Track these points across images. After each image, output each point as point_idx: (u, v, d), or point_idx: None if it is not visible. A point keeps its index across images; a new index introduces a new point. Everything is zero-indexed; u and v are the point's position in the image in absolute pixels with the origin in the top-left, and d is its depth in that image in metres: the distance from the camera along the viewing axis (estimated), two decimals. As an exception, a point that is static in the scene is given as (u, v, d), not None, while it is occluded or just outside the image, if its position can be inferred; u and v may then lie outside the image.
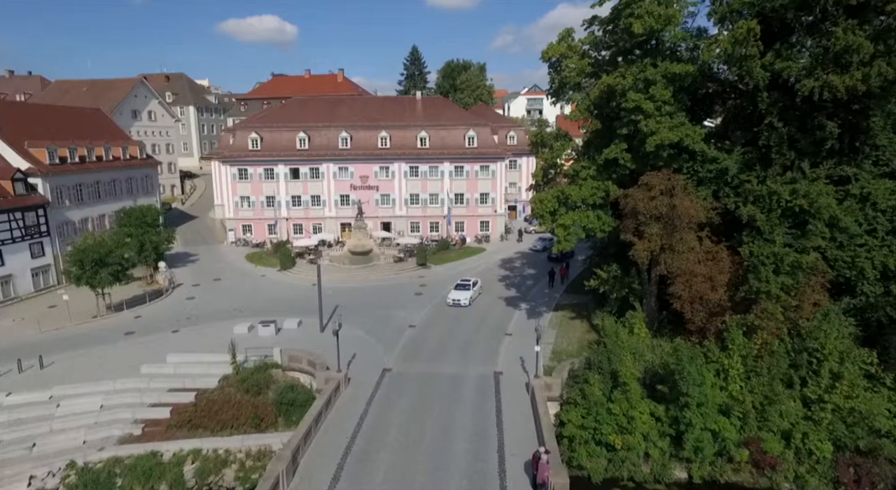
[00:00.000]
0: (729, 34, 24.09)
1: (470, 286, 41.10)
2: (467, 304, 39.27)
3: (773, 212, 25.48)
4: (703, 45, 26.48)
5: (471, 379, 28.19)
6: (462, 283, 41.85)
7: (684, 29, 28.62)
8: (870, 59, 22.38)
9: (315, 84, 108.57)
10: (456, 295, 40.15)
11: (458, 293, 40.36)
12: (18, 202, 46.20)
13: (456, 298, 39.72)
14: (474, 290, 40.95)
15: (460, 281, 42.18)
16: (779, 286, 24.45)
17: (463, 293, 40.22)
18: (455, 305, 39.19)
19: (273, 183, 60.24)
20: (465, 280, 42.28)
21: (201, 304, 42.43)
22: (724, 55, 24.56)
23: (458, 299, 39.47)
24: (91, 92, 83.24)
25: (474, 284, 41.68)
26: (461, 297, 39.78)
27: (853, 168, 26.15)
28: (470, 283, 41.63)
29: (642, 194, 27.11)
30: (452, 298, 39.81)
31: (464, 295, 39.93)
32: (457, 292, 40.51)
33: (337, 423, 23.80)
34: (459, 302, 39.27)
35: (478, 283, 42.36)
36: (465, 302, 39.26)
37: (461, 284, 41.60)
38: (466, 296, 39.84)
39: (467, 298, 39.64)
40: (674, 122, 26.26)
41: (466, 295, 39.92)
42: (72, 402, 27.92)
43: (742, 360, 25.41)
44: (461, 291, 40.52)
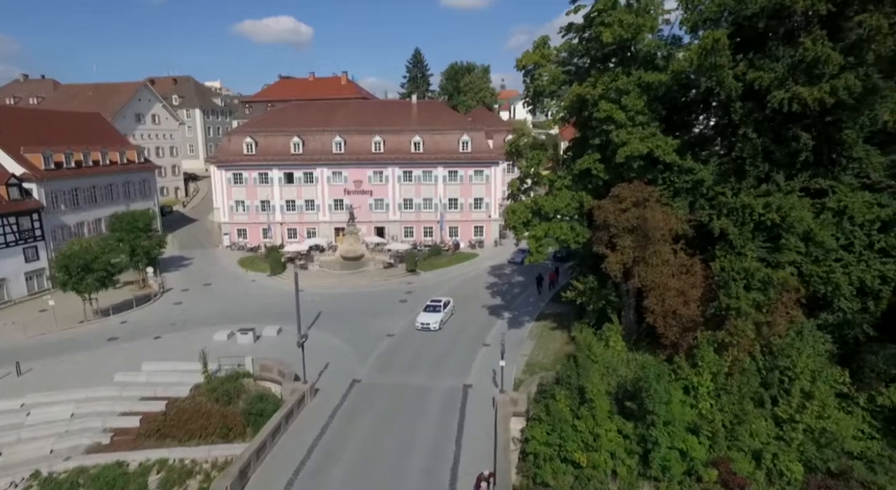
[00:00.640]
0: (696, 44, 23.47)
1: (440, 308, 37.96)
2: (437, 328, 36.25)
3: (746, 225, 24.81)
4: (675, 55, 25.88)
5: (439, 392, 27.92)
6: (432, 304, 38.67)
7: (660, 37, 28.03)
8: (839, 71, 21.67)
9: (319, 87, 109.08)
10: (425, 318, 37.04)
11: (427, 316, 37.22)
12: (12, 207, 46.98)
13: (424, 322, 36.62)
14: (445, 311, 38.01)
15: (430, 302, 39.10)
16: (749, 303, 23.78)
17: (432, 316, 37.11)
18: (424, 329, 36.18)
19: (267, 187, 60.51)
20: (436, 301, 38.98)
21: (188, 310, 42.73)
22: (693, 65, 23.94)
23: (427, 323, 36.43)
24: (96, 96, 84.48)
25: (445, 305, 38.59)
26: (430, 320, 36.68)
27: (830, 181, 25.36)
28: (440, 304, 38.43)
29: (613, 206, 26.59)
30: (421, 322, 36.72)
31: (433, 318, 36.90)
32: (426, 315, 37.41)
33: (296, 437, 23.70)
34: (428, 326, 36.28)
35: (449, 304, 39.18)
36: (434, 326, 36.30)
37: (431, 305, 38.47)
38: (436, 319, 36.82)
39: (437, 322, 36.63)
40: (645, 132, 25.70)
41: (436, 318, 36.92)
42: (43, 410, 28.23)
43: (712, 378, 24.80)
44: (430, 314, 37.46)
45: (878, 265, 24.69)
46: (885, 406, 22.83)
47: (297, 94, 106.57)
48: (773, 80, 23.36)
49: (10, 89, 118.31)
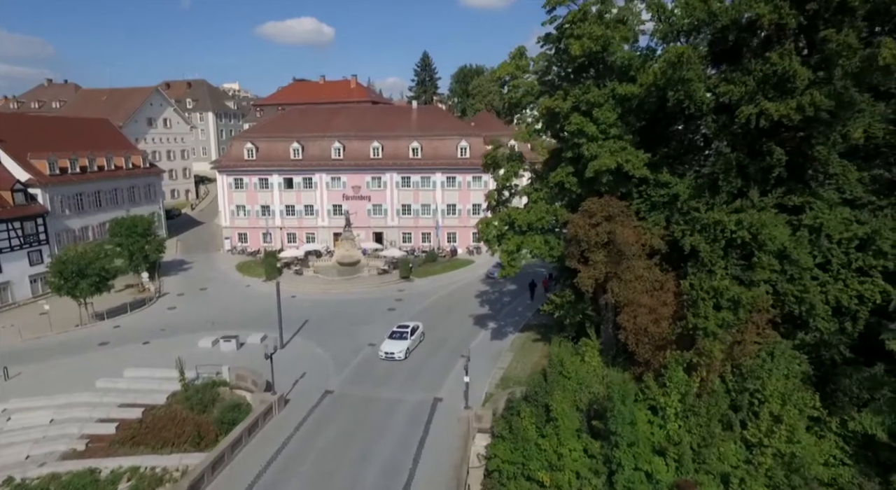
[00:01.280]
0: (662, 58, 22.94)
1: (407, 335, 34.80)
2: (402, 357, 33.04)
3: (718, 242, 24.18)
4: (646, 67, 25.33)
5: (408, 405, 27.85)
6: (398, 330, 35.51)
7: (635, 48, 27.48)
8: (808, 86, 20.97)
9: (329, 90, 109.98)
10: (389, 346, 33.71)
11: (392, 344, 33.92)
12: (17, 212, 48.39)
13: (388, 351, 33.31)
14: (413, 338, 34.80)
15: (396, 327, 35.89)
16: (718, 323, 23.17)
17: (397, 345, 33.87)
18: (388, 359, 33.06)
19: (267, 192, 61.25)
20: (403, 326, 35.85)
21: (180, 315, 43.46)
22: (658, 78, 23.40)
23: (391, 353, 33.20)
24: (110, 100, 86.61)
25: (413, 331, 35.38)
26: (395, 349, 33.38)
27: (807, 197, 24.55)
28: (408, 330, 35.26)
29: (583, 221, 26.19)
30: (385, 351, 33.41)
31: (398, 347, 33.65)
32: (390, 343, 34.12)
33: (257, 449, 23.88)
34: (393, 355, 33.09)
35: (418, 329, 36.11)
36: (399, 355, 33.07)
37: (397, 332, 35.29)
38: (401, 347, 33.58)
39: (403, 351, 33.37)
40: (615, 146, 25.23)
41: (401, 346, 33.66)
42: (24, 415, 28.99)
43: (681, 399, 24.26)
44: (395, 342, 34.13)
45: (855, 285, 23.83)
46: (857, 432, 22.01)
47: (307, 98, 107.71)
48: (744, 95, 22.72)
49: (35, 94, 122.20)
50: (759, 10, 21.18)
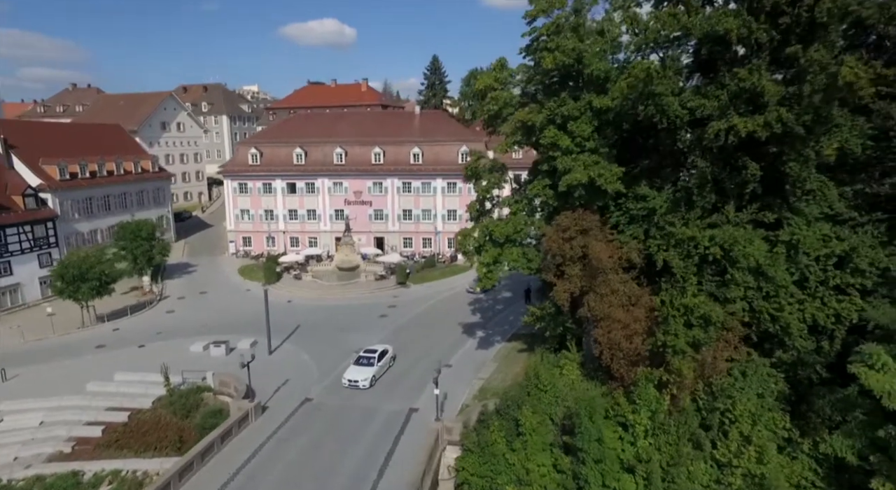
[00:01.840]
0: (629, 73, 22.70)
1: (374, 361, 32.07)
2: (367, 386, 30.51)
3: (691, 258, 23.85)
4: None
5: (383, 415, 28.07)
6: (365, 355, 32.76)
7: (616, 60, 27.24)
8: (779, 102, 20.56)
9: (340, 93, 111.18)
10: (353, 374, 31.13)
11: (356, 371, 31.31)
12: (28, 216, 50.10)
13: (352, 379, 30.71)
14: (380, 364, 32.21)
15: (363, 352, 33.14)
16: (688, 340, 22.85)
17: (362, 372, 31.18)
18: (351, 387, 30.59)
19: (271, 197, 62.20)
20: (370, 351, 33.05)
21: (177, 319, 44.46)
22: (629, 93, 23.15)
23: (355, 381, 30.63)
24: (127, 105, 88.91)
25: (381, 356, 32.76)
26: (359, 377, 30.75)
27: (784, 212, 24.04)
28: (374, 355, 32.50)
29: (557, 235, 26.07)
30: (347, 379, 30.84)
31: (363, 374, 30.97)
32: (354, 370, 31.53)
33: (228, 457, 24.37)
34: (356, 384, 30.56)
35: (387, 354, 33.42)
36: (363, 384, 30.51)
37: (363, 357, 32.53)
38: (367, 375, 30.93)
39: (367, 379, 30.72)
40: (589, 160, 25.05)
41: (367, 374, 31.02)
42: (15, 417, 30.02)
43: (651, 416, 23.98)
44: (360, 369, 31.52)
45: (833, 303, 23.31)
46: (829, 454, 21.48)
47: (319, 101, 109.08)
48: (715, 109, 22.37)
49: (60, 98, 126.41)
50: (728, 26, 20.86)
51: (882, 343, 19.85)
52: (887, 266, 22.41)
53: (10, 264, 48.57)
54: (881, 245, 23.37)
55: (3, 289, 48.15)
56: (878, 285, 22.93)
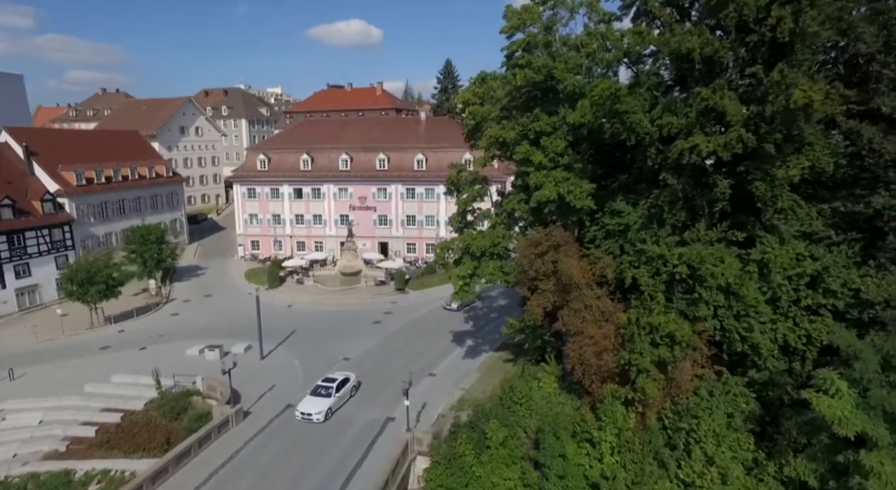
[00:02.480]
0: (593, 91, 22.73)
1: (331, 391, 29.54)
2: (321, 419, 28.05)
3: (660, 276, 23.76)
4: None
5: (360, 423, 28.66)
6: (323, 384, 30.12)
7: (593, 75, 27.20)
8: (745, 121, 20.38)
9: (355, 97, 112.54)
10: (307, 405, 28.67)
11: (311, 403, 28.84)
12: (46, 220, 52.43)
13: (306, 412, 28.27)
14: (339, 395, 29.72)
15: (322, 381, 30.57)
16: (654, 359, 22.79)
17: (317, 404, 28.67)
18: (305, 420, 28.23)
19: (278, 202, 63.62)
20: (329, 380, 30.41)
21: (181, 322, 45.96)
22: (595, 110, 23.19)
23: (309, 414, 28.17)
24: (149, 110, 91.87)
25: (342, 385, 30.29)
26: (313, 410, 28.26)
27: (756, 231, 23.73)
28: (333, 385, 29.91)
29: (529, 250, 26.25)
30: (301, 411, 28.46)
31: (317, 406, 28.46)
32: (310, 401, 29.05)
33: (203, 462, 25.29)
34: (310, 417, 28.12)
35: (348, 382, 31.01)
36: (317, 417, 28.04)
37: (322, 386, 30.00)
38: (321, 408, 28.39)
39: (322, 412, 28.21)
40: (560, 176, 25.16)
41: (322, 406, 28.48)
42: (17, 416, 31.65)
43: (617, 434, 23.99)
44: (316, 400, 29.02)
45: (805, 323, 22.94)
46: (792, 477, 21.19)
47: (334, 105, 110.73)
48: (683, 127, 22.27)
49: (91, 102, 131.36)
50: (690, 45, 20.76)
51: (844, 366, 19.52)
52: (859, 287, 21.92)
53: (28, 266, 50.94)
54: (856, 265, 22.91)
55: (22, 289, 50.52)
56: (850, 307, 22.46)
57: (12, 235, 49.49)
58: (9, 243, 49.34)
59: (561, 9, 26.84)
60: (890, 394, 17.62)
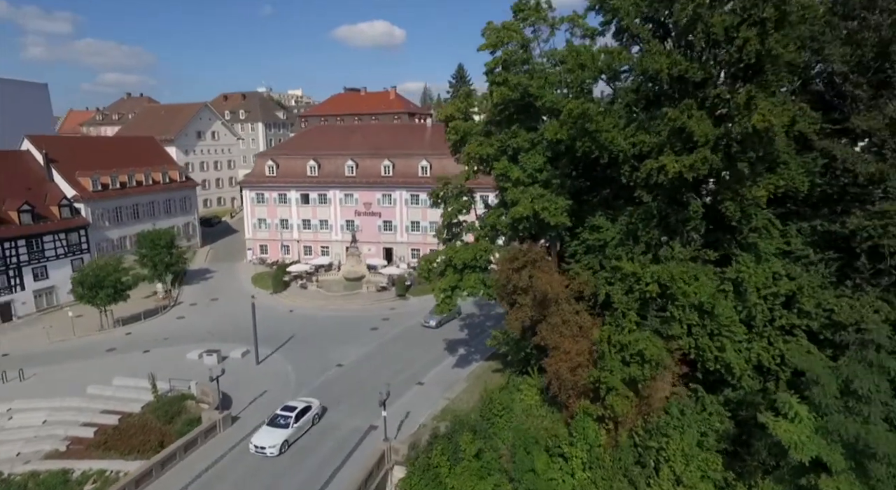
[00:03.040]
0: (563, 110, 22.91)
1: (290, 421, 27.86)
2: (275, 453, 26.42)
3: (633, 294, 23.85)
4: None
5: (343, 431, 29.30)
6: (282, 413, 28.46)
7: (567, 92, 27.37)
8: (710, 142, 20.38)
9: (369, 101, 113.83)
10: (261, 438, 27.02)
11: (266, 435, 27.16)
12: (63, 225, 54.58)
13: (259, 445, 26.65)
14: (298, 425, 28.04)
15: (280, 409, 28.90)
16: (624, 377, 22.91)
17: (272, 436, 27.05)
18: (259, 453, 26.66)
19: (286, 207, 64.91)
20: (288, 408, 28.82)
21: (185, 325, 47.35)
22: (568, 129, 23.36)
23: (262, 447, 26.58)
24: (167, 115, 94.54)
25: (301, 414, 28.58)
26: (267, 442, 26.65)
27: (733, 248, 23.65)
28: (291, 415, 28.16)
29: (506, 265, 26.56)
30: (255, 445, 26.77)
31: (272, 439, 26.85)
32: (265, 433, 27.38)
33: (187, 467, 26.18)
34: (264, 450, 26.51)
35: (310, 411, 29.26)
36: (271, 451, 26.41)
37: (280, 415, 28.34)
38: (277, 440, 26.78)
39: (277, 445, 26.57)
40: (535, 192, 25.41)
41: (277, 439, 26.86)
42: (23, 415, 33.19)
43: (589, 450, 24.16)
44: (272, 432, 27.38)
45: (780, 344, 22.81)
46: (760, 501, 21.14)
47: (348, 109, 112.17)
48: (655, 146, 22.33)
49: (116, 106, 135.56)
50: (657, 65, 20.83)
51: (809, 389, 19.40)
52: (832, 308, 21.71)
53: (46, 269, 53.13)
54: (832, 286, 22.68)
55: (40, 291, 52.70)
56: (824, 327, 22.25)
57: (31, 239, 51.66)
58: (28, 247, 51.52)
59: (542, 25, 27.10)
60: (847, 419, 17.49)
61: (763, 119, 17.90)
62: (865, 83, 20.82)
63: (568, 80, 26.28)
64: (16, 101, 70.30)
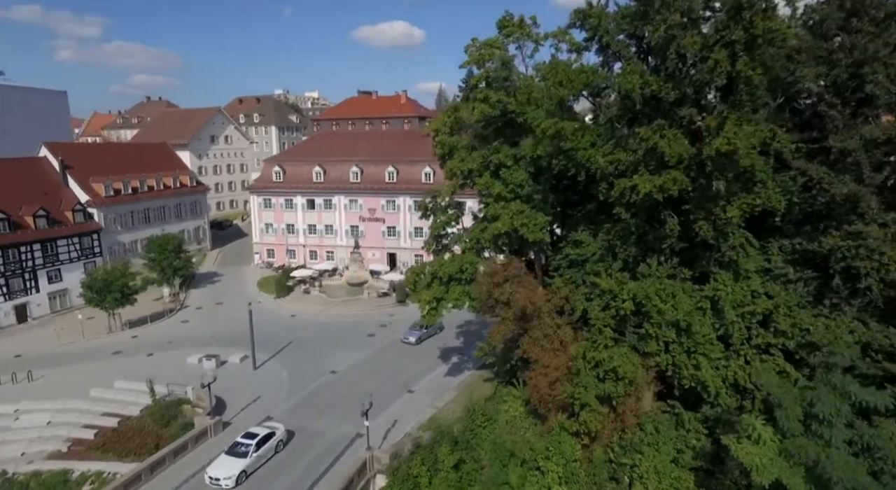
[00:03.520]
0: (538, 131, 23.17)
1: (249, 450, 26.47)
2: (230, 485, 25.15)
3: (609, 310, 24.01)
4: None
5: (329, 438, 29.93)
6: (242, 441, 27.15)
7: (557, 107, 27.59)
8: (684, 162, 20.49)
9: (380, 105, 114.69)
10: (217, 469, 25.81)
11: (222, 465, 25.96)
12: (76, 229, 56.42)
13: (214, 476, 25.42)
14: (258, 454, 26.71)
15: (241, 436, 27.60)
16: (599, 394, 23.10)
17: (228, 466, 25.78)
18: (214, 485, 25.41)
19: (292, 212, 66.06)
20: (249, 435, 27.46)
21: (189, 329, 48.56)
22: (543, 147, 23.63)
23: (217, 479, 25.31)
24: (182, 120, 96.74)
25: (262, 442, 27.18)
26: (222, 474, 25.44)
27: (712, 266, 23.64)
28: (252, 443, 26.79)
29: (487, 280, 26.90)
30: (210, 476, 25.57)
31: (228, 470, 25.58)
32: (222, 462, 26.19)
33: (175, 472, 27.06)
34: (219, 482, 25.23)
35: (273, 437, 27.90)
36: (226, 482, 25.15)
37: (240, 443, 26.99)
38: (233, 471, 25.49)
39: (233, 476, 25.29)
40: (515, 208, 25.71)
41: (233, 469, 25.56)
42: (28, 416, 34.54)
43: (565, 464, 24.38)
44: (229, 461, 26.14)
45: (757, 362, 22.77)
46: (731, 521, 21.17)
47: (359, 114, 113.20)
48: (630, 164, 22.48)
49: (136, 110, 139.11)
50: (629, 85, 21.00)
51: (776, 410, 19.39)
52: (808, 328, 21.61)
53: (59, 272, 54.99)
54: (810, 305, 22.57)
55: (54, 293, 54.55)
56: (800, 347, 22.15)
57: (46, 243, 53.53)
58: (43, 251, 53.40)
59: (526, 41, 27.39)
60: (808, 442, 17.49)
61: (728, 143, 17.99)
62: (840, 103, 20.70)
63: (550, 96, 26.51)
64: (36, 108, 72.70)
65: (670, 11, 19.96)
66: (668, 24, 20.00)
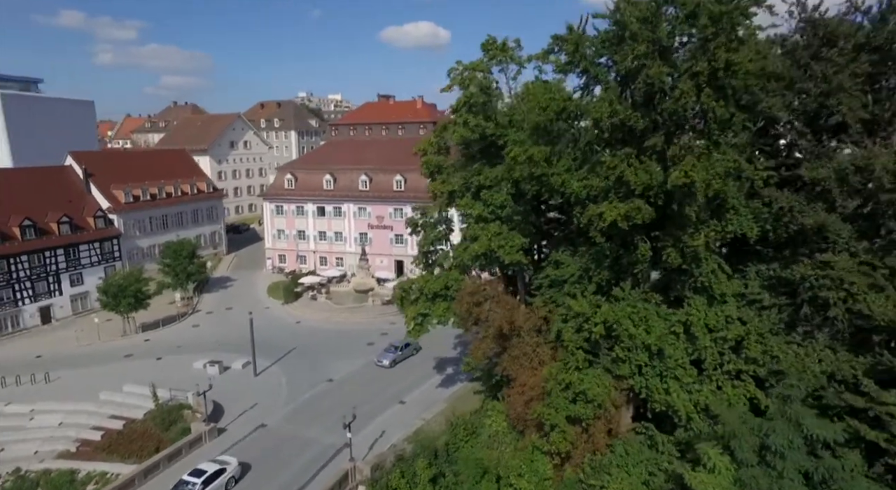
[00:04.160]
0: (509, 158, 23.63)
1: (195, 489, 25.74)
2: None
3: (582, 333, 24.35)
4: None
5: (319, 447, 30.92)
6: (188, 479, 26.36)
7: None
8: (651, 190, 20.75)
9: (397, 110, 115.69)
10: None
11: None
12: (97, 234, 59.04)
13: None
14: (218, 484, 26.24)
15: (188, 474, 26.81)
16: (569, 415, 23.47)
17: None
18: None
19: (303, 219, 67.66)
20: (197, 473, 26.67)
21: (198, 334, 50.35)
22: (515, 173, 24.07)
23: None
24: (203, 125, 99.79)
25: (211, 479, 26.28)
26: None
27: (686, 291, 23.78)
28: (199, 482, 25.95)
29: (466, 299, 27.49)
30: None
31: None
32: None
33: (168, 477, 28.38)
34: None
35: (223, 475, 26.82)
36: None
37: (185, 482, 26.22)
38: None
39: None
40: (493, 230, 26.24)
41: None
42: (42, 416, 36.54)
43: (538, 483, 24.83)
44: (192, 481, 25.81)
45: (728, 388, 22.84)
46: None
47: (376, 119, 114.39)
48: (601, 190, 22.79)
49: (164, 114, 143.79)
50: (598, 113, 21.33)
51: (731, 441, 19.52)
52: (777, 355, 21.61)
53: (81, 275, 57.64)
54: (783, 332, 22.54)
55: (75, 296, 57.21)
56: (771, 374, 22.14)
57: (69, 248, 56.26)
58: (66, 255, 56.12)
59: (510, 64, 27.87)
60: (762, 473, 17.62)
61: (685, 176, 18.21)
62: (812, 132, 20.63)
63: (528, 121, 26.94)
64: (64, 117, 75.99)
65: (637, 41, 20.22)
66: (635, 54, 20.28)
